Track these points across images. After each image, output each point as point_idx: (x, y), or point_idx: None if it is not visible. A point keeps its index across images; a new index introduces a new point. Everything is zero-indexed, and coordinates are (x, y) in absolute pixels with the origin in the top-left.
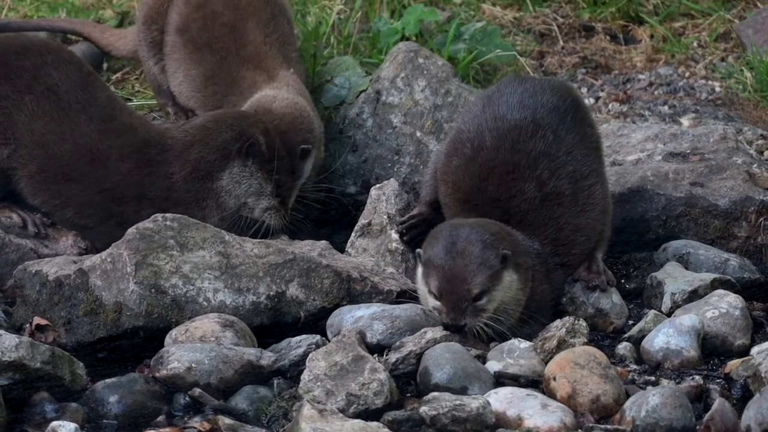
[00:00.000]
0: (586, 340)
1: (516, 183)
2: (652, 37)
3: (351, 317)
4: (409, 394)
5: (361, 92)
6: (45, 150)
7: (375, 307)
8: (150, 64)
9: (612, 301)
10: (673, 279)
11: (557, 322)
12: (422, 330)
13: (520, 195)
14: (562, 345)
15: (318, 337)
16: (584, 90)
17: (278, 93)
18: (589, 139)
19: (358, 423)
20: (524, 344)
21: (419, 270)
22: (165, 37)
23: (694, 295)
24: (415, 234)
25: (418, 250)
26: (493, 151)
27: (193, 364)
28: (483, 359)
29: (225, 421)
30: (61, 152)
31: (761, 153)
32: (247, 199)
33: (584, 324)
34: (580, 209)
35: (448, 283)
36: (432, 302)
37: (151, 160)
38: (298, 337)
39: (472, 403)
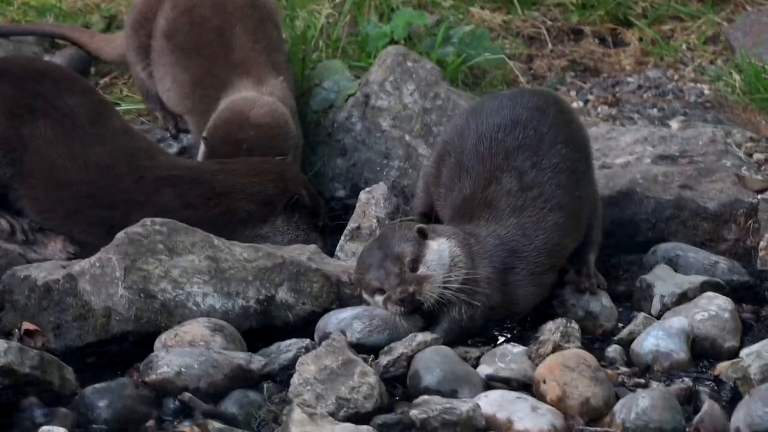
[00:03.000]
0: (579, 344)
1: (494, 174)
2: (641, 39)
3: (336, 320)
4: (399, 398)
5: (349, 96)
6: (54, 176)
7: (359, 309)
8: (138, 69)
9: (602, 303)
10: (663, 281)
11: (550, 325)
12: (412, 334)
13: (496, 185)
14: (557, 350)
15: (308, 341)
16: (573, 93)
17: (257, 97)
18: (576, 139)
19: (348, 427)
20: (517, 348)
21: (363, 294)
22: (152, 42)
23: (684, 298)
24: None
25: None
26: (473, 151)
27: (182, 369)
28: (474, 363)
29: (215, 425)
30: (72, 179)
31: (750, 155)
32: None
33: (576, 327)
34: (565, 203)
35: (381, 270)
36: (379, 297)
37: (193, 200)
38: (287, 341)
39: (462, 406)
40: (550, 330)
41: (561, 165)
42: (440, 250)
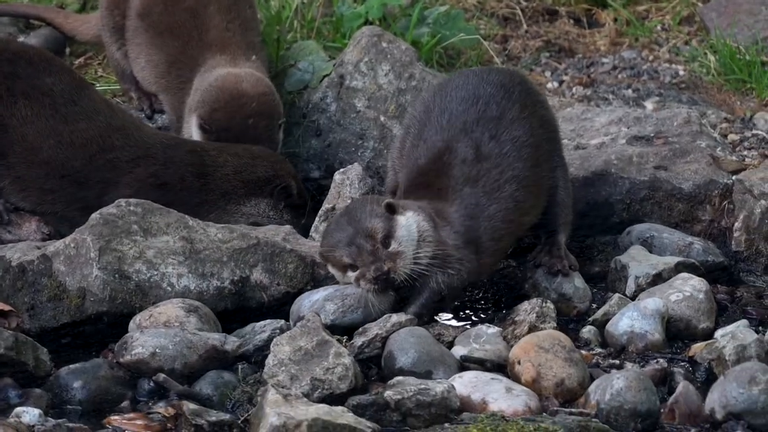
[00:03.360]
0: (555, 324)
1: (450, 144)
2: (615, 20)
3: (309, 302)
4: (373, 379)
5: (324, 77)
6: (29, 155)
7: (330, 290)
8: (113, 49)
9: (575, 285)
10: (638, 262)
11: (525, 306)
12: (387, 315)
13: (450, 155)
14: (533, 331)
15: (282, 321)
16: (548, 74)
17: (239, 71)
18: (541, 118)
19: (323, 407)
20: (491, 329)
21: (330, 270)
22: (127, 22)
23: (659, 279)
24: None
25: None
26: (436, 125)
27: (157, 350)
28: (449, 344)
29: (189, 406)
30: (46, 159)
31: (725, 136)
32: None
33: (552, 307)
34: (523, 176)
35: (353, 246)
36: (351, 274)
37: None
38: (262, 322)
39: (437, 387)
40: (525, 310)
41: (522, 139)
42: (408, 225)
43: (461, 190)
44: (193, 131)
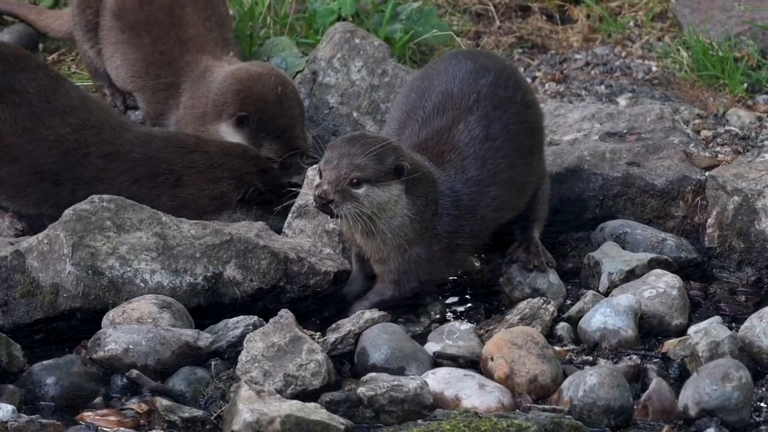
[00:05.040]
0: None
1: (460, 115)
2: (588, 16)
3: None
4: (346, 375)
5: (297, 73)
6: (9, 152)
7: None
8: (86, 47)
9: (549, 280)
10: (611, 259)
11: (523, 305)
12: (359, 311)
13: (463, 127)
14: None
15: (255, 318)
16: (521, 70)
17: (252, 64)
18: (536, 108)
19: (296, 404)
20: (464, 326)
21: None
22: (100, 20)
23: (632, 275)
24: None
25: None
26: (440, 90)
27: (130, 346)
28: (422, 340)
29: (162, 402)
30: (20, 155)
31: (698, 132)
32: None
33: (551, 309)
34: (518, 164)
35: (333, 159)
36: (316, 178)
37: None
38: (235, 318)
39: (410, 383)
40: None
41: (522, 125)
42: (395, 201)
43: (469, 169)
44: (225, 133)
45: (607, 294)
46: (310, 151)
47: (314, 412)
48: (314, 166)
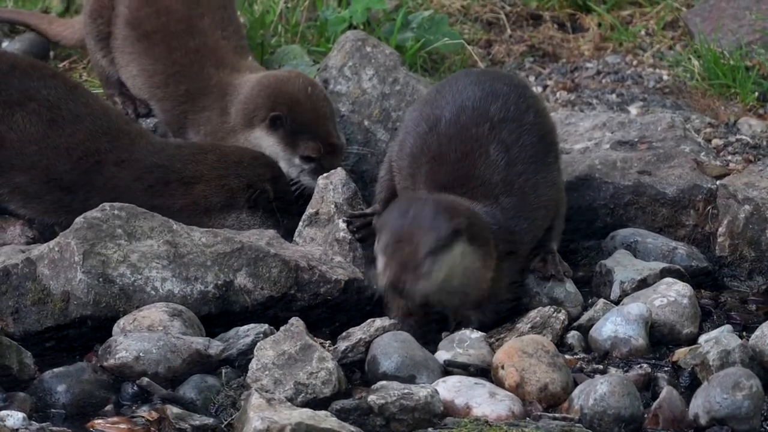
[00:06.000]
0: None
1: (479, 146)
2: (599, 25)
3: None
4: (357, 383)
5: None
6: (22, 159)
7: None
8: (98, 56)
9: (566, 290)
10: (623, 267)
11: (533, 313)
12: (370, 319)
13: (485, 158)
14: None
15: (266, 326)
16: (532, 78)
17: (271, 71)
18: (549, 123)
19: (306, 412)
20: (475, 334)
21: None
22: (114, 29)
23: (643, 284)
24: (366, 233)
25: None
26: (452, 121)
27: (141, 354)
28: (432, 349)
29: (173, 410)
30: (32, 163)
31: (709, 141)
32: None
33: (562, 318)
34: (541, 181)
35: (395, 242)
36: (380, 263)
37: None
38: (246, 326)
39: (420, 392)
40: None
41: (539, 142)
42: (460, 258)
43: (503, 199)
44: (259, 139)
45: (618, 302)
46: (346, 149)
47: (325, 420)
48: (325, 174)
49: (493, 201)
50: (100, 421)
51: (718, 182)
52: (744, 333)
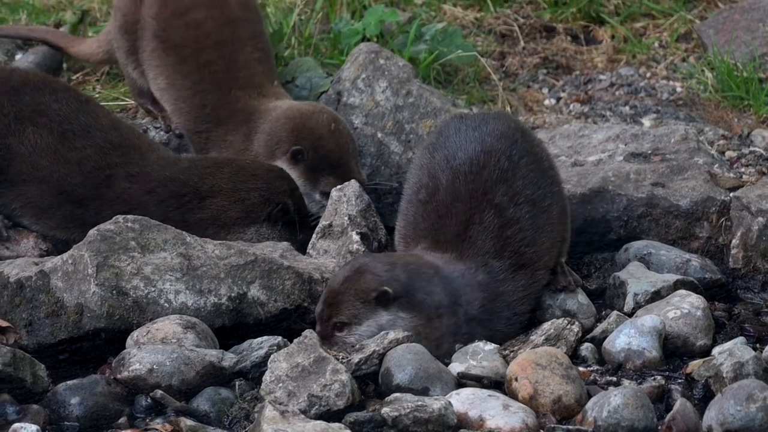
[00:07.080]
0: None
1: (474, 213)
2: (613, 37)
3: None
4: (371, 395)
5: (322, 93)
6: (34, 173)
7: None
8: (129, 70)
9: (578, 301)
10: (636, 279)
11: (546, 325)
12: (384, 331)
13: (478, 224)
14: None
15: (279, 338)
16: (545, 90)
17: (297, 103)
18: (542, 159)
19: (320, 424)
20: (489, 346)
21: None
22: (142, 42)
23: (657, 296)
24: None
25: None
26: (449, 189)
27: (154, 366)
28: (446, 361)
29: (186, 422)
30: (45, 176)
31: (722, 153)
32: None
33: (576, 330)
34: (540, 230)
35: (321, 303)
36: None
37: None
38: (259, 339)
39: (434, 404)
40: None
41: (537, 192)
42: (385, 325)
43: (491, 262)
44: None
45: (631, 314)
46: (366, 185)
47: None
48: (338, 187)
49: (482, 264)
50: None
51: (731, 194)
52: (758, 345)
